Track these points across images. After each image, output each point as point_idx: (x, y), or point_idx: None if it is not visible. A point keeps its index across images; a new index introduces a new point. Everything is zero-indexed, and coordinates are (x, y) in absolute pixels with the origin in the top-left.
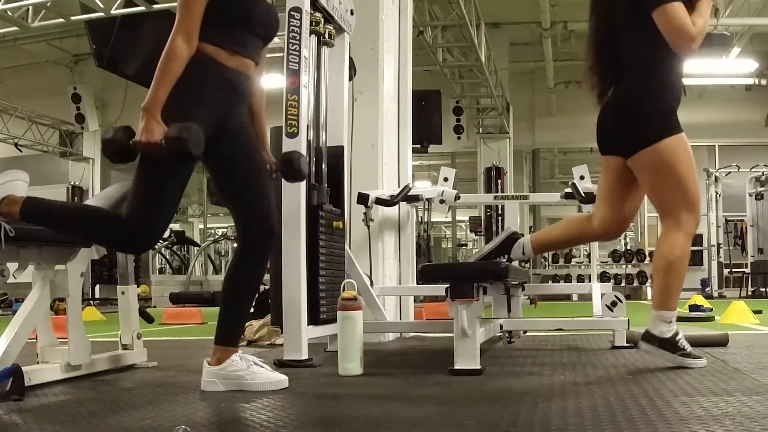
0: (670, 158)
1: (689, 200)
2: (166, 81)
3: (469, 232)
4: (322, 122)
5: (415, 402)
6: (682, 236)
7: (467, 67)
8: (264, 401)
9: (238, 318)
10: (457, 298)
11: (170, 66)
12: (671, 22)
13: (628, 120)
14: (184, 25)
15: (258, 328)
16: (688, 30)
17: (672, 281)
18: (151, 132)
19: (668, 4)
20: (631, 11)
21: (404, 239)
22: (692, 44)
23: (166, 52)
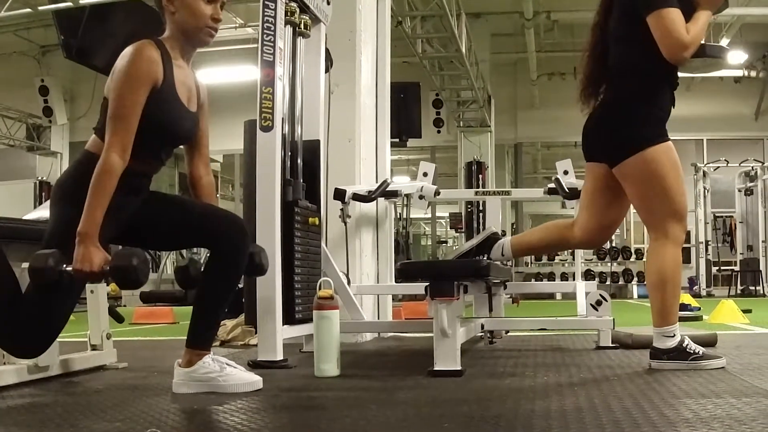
0: (657, 167)
1: (676, 210)
2: (103, 200)
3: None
4: (298, 115)
5: (393, 404)
6: (671, 247)
7: (447, 59)
8: (237, 403)
9: (212, 320)
10: (436, 297)
11: (106, 183)
12: (665, 27)
13: (613, 127)
14: (120, 139)
15: (231, 328)
16: (681, 37)
17: (668, 296)
18: (91, 260)
19: (664, 8)
20: (625, 20)
21: (382, 236)
22: (684, 52)
23: (102, 168)
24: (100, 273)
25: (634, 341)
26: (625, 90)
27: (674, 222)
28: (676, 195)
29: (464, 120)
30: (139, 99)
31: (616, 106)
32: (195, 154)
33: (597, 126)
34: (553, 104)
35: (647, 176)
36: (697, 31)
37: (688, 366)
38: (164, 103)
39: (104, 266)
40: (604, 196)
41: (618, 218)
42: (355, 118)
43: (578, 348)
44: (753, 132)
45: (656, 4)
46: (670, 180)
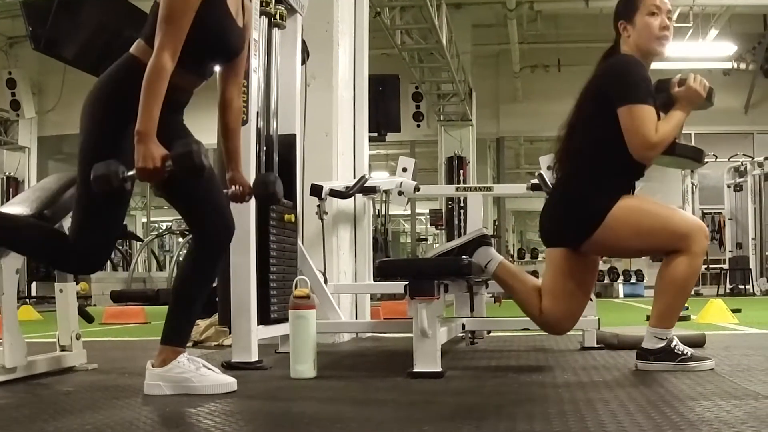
0: (621, 231)
1: (678, 233)
2: (157, 99)
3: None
4: (273, 109)
5: (371, 406)
6: (689, 258)
7: (427, 51)
8: (211, 405)
9: (189, 315)
10: (416, 296)
11: (158, 85)
12: (633, 124)
13: (564, 211)
14: (171, 41)
15: (205, 328)
16: (648, 136)
17: (674, 302)
18: (154, 157)
19: (636, 105)
20: (598, 104)
21: (360, 233)
22: (649, 152)
23: (153, 69)
24: (163, 169)
25: (620, 342)
26: (581, 169)
27: (684, 241)
28: (662, 226)
29: (445, 114)
30: (192, 3)
31: (569, 186)
32: (231, 75)
33: (551, 210)
34: (537, 97)
35: (622, 239)
36: (667, 131)
37: (675, 367)
38: (215, 11)
39: (166, 160)
40: (567, 283)
41: (584, 303)
42: (332, 112)
43: (562, 349)
44: (742, 126)
45: (630, 98)
46: (645, 224)
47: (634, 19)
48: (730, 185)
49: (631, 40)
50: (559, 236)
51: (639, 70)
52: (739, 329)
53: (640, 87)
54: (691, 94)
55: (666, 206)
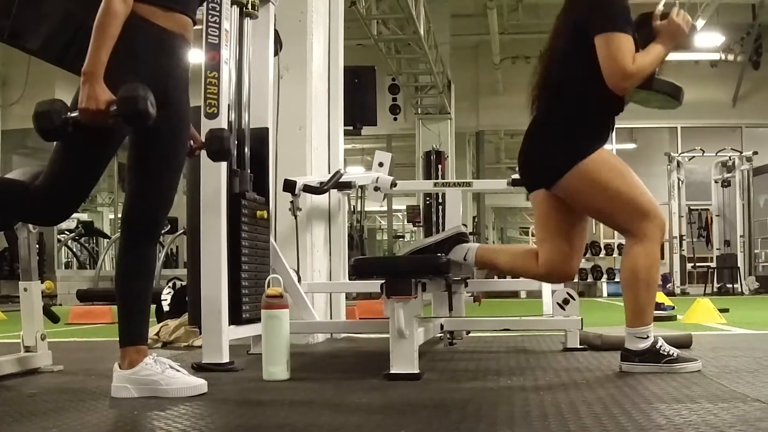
0: (595, 177)
1: (638, 209)
2: (107, 42)
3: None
4: (245, 102)
5: (346, 409)
6: (646, 244)
7: (404, 41)
8: (180, 408)
9: (140, 310)
10: (393, 296)
11: (108, 26)
12: (610, 52)
13: (540, 151)
14: None
15: (174, 328)
16: (625, 64)
17: (641, 294)
18: (97, 98)
19: (614, 32)
20: (574, 38)
21: (335, 230)
22: (625, 81)
23: (103, 11)
24: (107, 111)
25: (604, 342)
26: (555, 107)
27: (642, 221)
28: (629, 196)
29: (422, 106)
30: None
31: (543, 125)
32: None
33: (526, 151)
34: (518, 90)
35: (589, 189)
36: (645, 63)
37: (661, 369)
38: None
39: (110, 104)
40: (557, 224)
41: (580, 245)
42: (306, 105)
43: (544, 350)
44: (730, 119)
45: (607, 26)
46: (616, 184)
47: None
48: (717, 181)
49: None
50: (535, 177)
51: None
52: (726, 330)
53: (618, 15)
54: (674, 29)
55: (636, 177)
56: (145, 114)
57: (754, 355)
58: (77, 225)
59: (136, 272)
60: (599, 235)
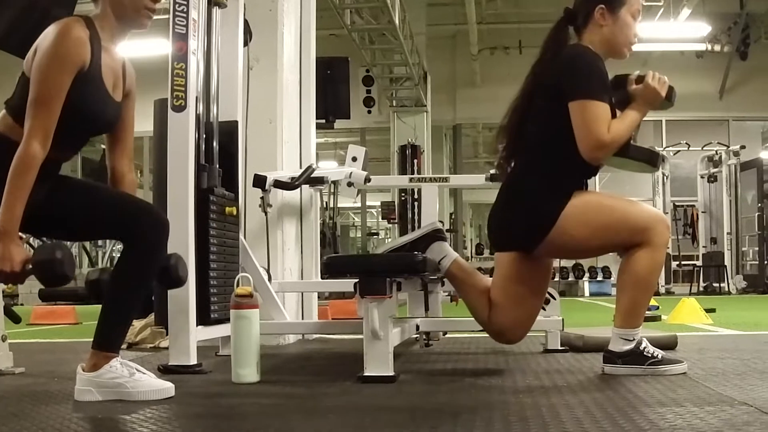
0: (576, 231)
1: (637, 227)
2: (23, 194)
3: (381, 220)
4: (213, 94)
5: (319, 413)
6: (652, 250)
7: (379, 31)
8: (147, 412)
9: (124, 321)
10: (367, 295)
11: (27, 176)
12: (584, 121)
13: (512, 214)
14: (42, 125)
15: (140, 329)
16: (600, 134)
17: (638, 297)
18: (12, 258)
19: (590, 100)
20: (548, 98)
21: (307, 227)
22: (599, 152)
23: (21, 159)
24: (23, 272)
25: (586, 344)
26: (528, 169)
27: (642, 235)
28: (618, 221)
29: (397, 99)
30: (65, 82)
31: (517, 188)
32: (117, 147)
33: (499, 214)
34: (496, 81)
35: (575, 240)
36: (620, 131)
37: (645, 371)
38: (88, 87)
39: (26, 264)
40: (522, 288)
41: (534, 312)
42: (277, 97)
43: (524, 351)
44: (717, 112)
45: (583, 92)
46: (603, 217)
47: (619, 12)
48: (703, 176)
49: (605, 30)
50: (509, 241)
51: (597, 64)
52: (713, 330)
53: (595, 81)
54: (649, 93)
55: (622, 199)
56: (62, 278)
57: (741, 356)
58: None
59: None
60: None
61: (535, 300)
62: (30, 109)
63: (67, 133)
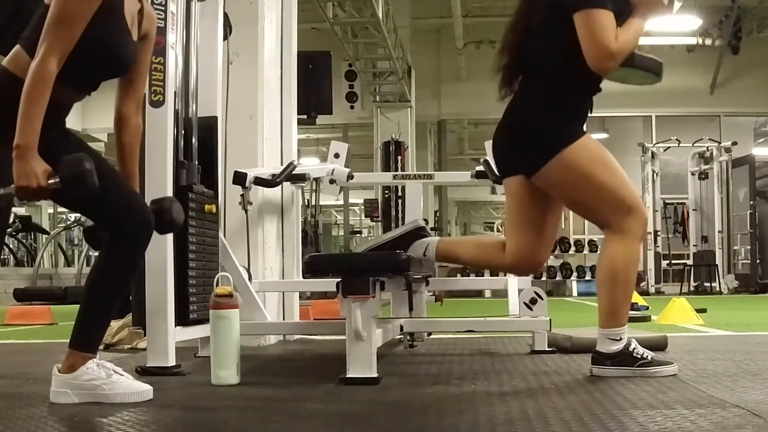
0: (578, 167)
1: (621, 203)
2: (40, 109)
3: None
4: (192, 89)
5: (300, 416)
6: (626, 242)
7: (362, 25)
8: (124, 415)
9: (102, 320)
10: (349, 295)
11: (42, 92)
12: (591, 30)
13: (522, 134)
14: (60, 46)
15: (117, 329)
16: (608, 43)
17: (618, 294)
18: (36, 174)
19: (594, 8)
20: (550, 13)
21: (288, 226)
22: (609, 61)
23: (37, 75)
24: (47, 187)
25: (574, 344)
26: (534, 88)
27: (623, 216)
28: (613, 188)
29: (381, 94)
30: (91, 6)
31: (523, 108)
32: (128, 89)
33: (505, 135)
34: (482, 76)
35: (571, 179)
36: (628, 39)
37: (634, 373)
38: (112, 20)
39: (50, 179)
40: (530, 212)
41: (551, 235)
42: (257, 92)
43: (510, 352)
44: (708, 108)
45: (586, 2)
46: (599, 175)
47: None
48: (694, 173)
49: None
50: (513, 163)
51: None
52: (704, 331)
53: None
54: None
55: (621, 169)
56: (93, 188)
57: (733, 358)
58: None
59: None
60: (569, 231)
61: (544, 225)
62: (48, 29)
63: (82, 69)
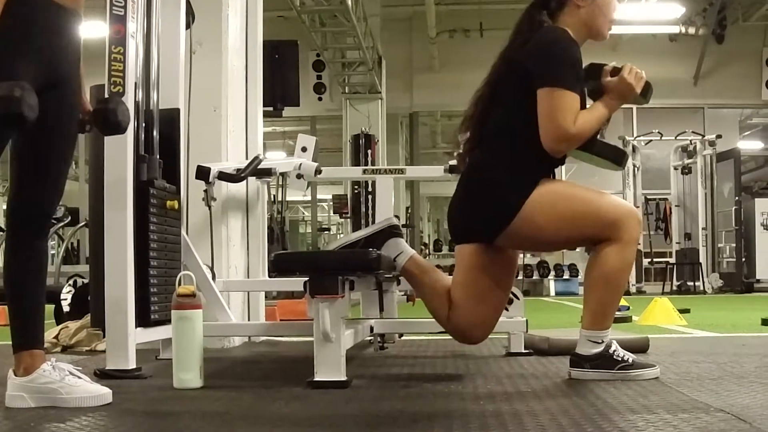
0: (547, 211)
1: (607, 219)
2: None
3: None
4: (154, 80)
5: (266, 421)
6: (621, 247)
7: (330, 12)
8: (82, 420)
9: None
10: (317, 295)
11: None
12: (551, 109)
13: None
14: None
15: (75, 331)
16: (565, 126)
17: (606, 297)
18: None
19: (559, 89)
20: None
21: (253, 222)
22: (561, 144)
23: None
24: None
25: (552, 346)
26: (496, 151)
27: (613, 230)
28: (591, 212)
29: (350, 85)
30: None
31: (481, 170)
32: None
33: (460, 206)
34: (455, 66)
35: (543, 228)
36: (588, 124)
37: (614, 376)
38: None
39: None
40: (487, 281)
41: (498, 309)
42: (221, 83)
43: (485, 354)
44: (691, 99)
45: (553, 80)
46: (571, 208)
47: None
48: (677, 167)
49: (582, 12)
50: (470, 230)
51: (572, 50)
52: (687, 332)
53: (567, 70)
54: (624, 88)
55: (591, 189)
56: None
57: (717, 360)
58: None
59: (26, 269)
60: None
61: (498, 296)
62: None
63: None
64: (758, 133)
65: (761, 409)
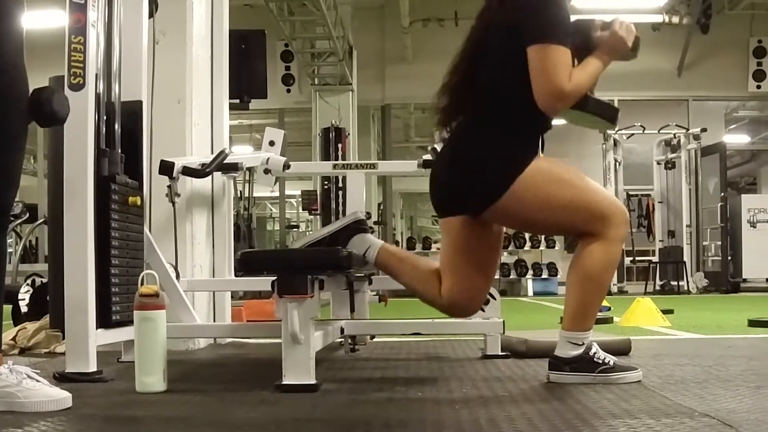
0: (537, 194)
1: (595, 212)
2: None
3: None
4: (115, 71)
5: (232, 426)
6: (606, 244)
7: (299, 1)
8: (41, 425)
9: None
10: (286, 294)
11: None
12: (544, 67)
13: (466, 172)
14: None
15: (33, 332)
16: (560, 83)
17: (588, 296)
18: None
19: (550, 44)
20: (504, 40)
21: (219, 219)
22: (558, 102)
23: None
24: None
25: (530, 349)
26: (482, 118)
27: (599, 225)
28: (580, 201)
29: (320, 77)
30: None
31: (468, 139)
32: None
33: (446, 176)
34: (429, 57)
35: (531, 207)
36: (582, 80)
37: (595, 379)
38: None
39: None
40: (476, 253)
41: (491, 276)
42: (186, 75)
43: (460, 357)
44: (675, 91)
45: (544, 36)
46: (562, 193)
47: None
48: (660, 162)
49: None
50: (456, 203)
51: (560, 4)
52: (670, 334)
53: (558, 24)
54: (616, 42)
55: (584, 177)
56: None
57: (702, 363)
58: None
59: None
60: None
61: (491, 266)
62: None
63: None
64: (744, 126)
65: (747, 413)
